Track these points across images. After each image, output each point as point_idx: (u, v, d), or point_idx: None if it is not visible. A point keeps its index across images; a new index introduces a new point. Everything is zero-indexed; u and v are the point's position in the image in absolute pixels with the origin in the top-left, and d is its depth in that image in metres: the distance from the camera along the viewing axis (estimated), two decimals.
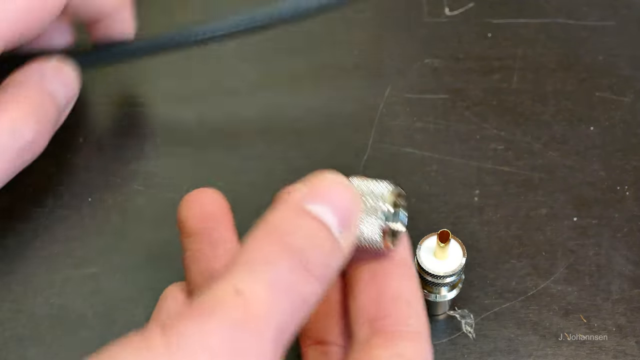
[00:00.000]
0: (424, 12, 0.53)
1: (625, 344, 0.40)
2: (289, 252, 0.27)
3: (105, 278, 0.42)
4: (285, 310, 0.26)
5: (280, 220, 0.28)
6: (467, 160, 0.46)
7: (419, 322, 0.31)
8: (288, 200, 0.29)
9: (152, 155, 0.47)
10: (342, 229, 0.28)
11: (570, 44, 0.51)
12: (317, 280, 0.27)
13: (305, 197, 0.28)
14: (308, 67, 0.50)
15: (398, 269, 0.32)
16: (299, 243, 0.27)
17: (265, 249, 0.27)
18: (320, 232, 0.28)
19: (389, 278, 0.32)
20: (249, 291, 0.26)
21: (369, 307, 0.31)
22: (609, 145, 0.47)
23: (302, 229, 0.28)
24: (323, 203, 0.28)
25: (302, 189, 0.29)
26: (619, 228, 0.44)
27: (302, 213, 0.28)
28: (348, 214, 0.29)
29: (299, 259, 0.27)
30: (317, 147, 0.47)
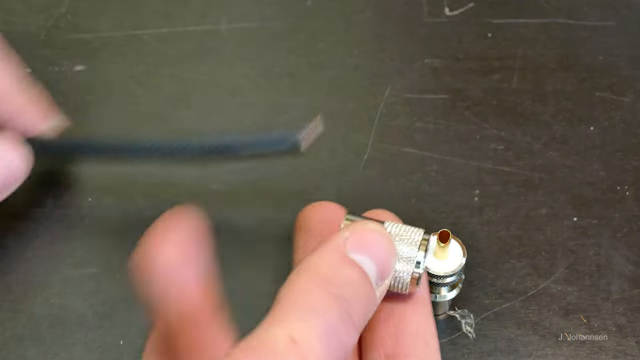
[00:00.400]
0: (424, 12, 0.53)
1: (625, 344, 0.40)
2: (338, 302, 0.28)
3: (105, 278, 0.42)
4: (332, 358, 0.27)
5: (328, 268, 0.29)
6: (467, 160, 0.46)
7: (434, 356, 0.32)
8: (333, 246, 0.29)
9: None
10: (379, 280, 0.29)
11: (570, 44, 0.51)
12: (356, 329, 0.28)
13: (349, 245, 0.29)
14: (308, 67, 0.50)
15: (417, 307, 0.33)
16: (346, 294, 0.28)
17: (316, 297, 0.28)
18: (363, 283, 0.29)
19: (408, 316, 0.33)
20: (304, 341, 0.26)
21: (387, 342, 0.32)
22: (609, 145, 0.47)
23: (349, 279, 0.28)
24: (366, 253, 0.29)
25: (345, 235, 0.30)
26: (619, 228, 0.44)
27: (347, 261, 0.29)
28: (386, 266, 0.30)
29: (346, 310, 0.28)
30: (317, 147, 0.47)
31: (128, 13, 0.53)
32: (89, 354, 0.40)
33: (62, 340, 0.40)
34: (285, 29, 0.52)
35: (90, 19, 0.52)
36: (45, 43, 0.51)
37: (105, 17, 0.53)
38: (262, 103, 0.49)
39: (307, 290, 0.28)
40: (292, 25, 0.52)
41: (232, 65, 0.50)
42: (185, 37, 0.52)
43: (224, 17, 0.53)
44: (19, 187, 0.45)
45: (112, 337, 0.40)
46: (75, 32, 0.52)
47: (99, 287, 0.42)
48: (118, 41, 0.51)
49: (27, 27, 0.52)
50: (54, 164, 0.46)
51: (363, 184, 0.45)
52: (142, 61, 0.51)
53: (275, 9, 0.53)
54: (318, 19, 0.53)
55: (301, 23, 0.52)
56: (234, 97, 0.49)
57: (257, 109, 0.49)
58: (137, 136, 0.39)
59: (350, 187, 0.45)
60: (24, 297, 0.42)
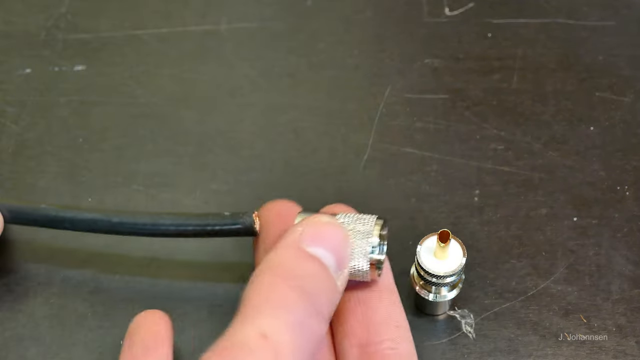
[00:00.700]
0: (424, 12, 0.53)
1: (625, 344, 0.40)
2: (302, 295, 0.29)
3: (105, 278, 0.42)
4: (304, 349, 0.28)
5: (287, 263, 0.30)
6: (467, 160, 0.46)
7: (409, 346, 0.33)
8: (289, 242, 0.30)
9: (152, 155, 0.47)
10: (338, 269, 0.30)
11: (570, 44, 0.51)
12: (324, 319, 0.29)
13: (304, 239, 0.30)
14: (308, 67, 0.50)
15: (383, 295, 0.34)
16: (309, 286, 0.29)
17: (281, 292, 0.29)
18: (323, 274, 0.30)
19: (376, 303, 0.33)
20: (275, 335, 0.27)
21: (358, 331, 0.33)
22: (609, 145, 0.47)
23: (309, 272, 0.30)
24: (321, 245, 0.30)
25: (299, 229, 0.31)
26: (619, 228, 0.44)
27: (305, 255, 0.30)
28: (343, 255, 0.31)
29: (311, 302, 0.29)
30: (317, 147, 0.47)
31: (128, 13, 0.53)
32: (89, 354, 0.40)
33: (62, 340, 0.40)
34: (285, 29, 0.52)
35: (90, 19, 0.52)
36: (45, 43, 0.51)
37: (105, 17, 0.53)
38: (262, 103, 0.49)
39: (271, 287, 0.29)
40: (292, 25, 0.52)
41: (232, 65, 0.50)
42: (185, 37, 0.52)
43: (224, 17, 0.53)
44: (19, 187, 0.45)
45: (112, 337, 0.40)
46: (75, 32, 0.52)
47: (99, 287, 0.42)
48: (118, 41, 0.51)
49: (27, 27, 0.52)
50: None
51: (363, 184, 0.45)
52: (142, 61, 0.51)
53: (275, 9, 0.53)
54: (318, 19, 0.53)
55: (301, 23, 0.52)
56: (234, 97, 0.49)
57: (257, 109, 0.49)
58: (86, 210, 0.39)
59: (350, 187, 0.45)
60: (24, 297, 0.42)
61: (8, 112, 0.48)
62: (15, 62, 0.50)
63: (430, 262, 0.38)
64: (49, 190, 0.45)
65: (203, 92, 0.49)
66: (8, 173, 0.46)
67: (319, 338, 0.29)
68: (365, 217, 0.34)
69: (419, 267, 0.38)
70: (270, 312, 0.28)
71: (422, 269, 0.38)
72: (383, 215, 0.35)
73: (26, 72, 0.50)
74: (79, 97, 0.49)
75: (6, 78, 0.50)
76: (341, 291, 0.31)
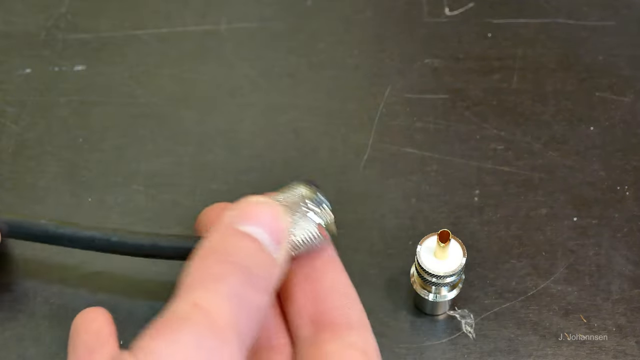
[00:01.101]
0: (424, 12, 0.53)
1: (625, 344, 0.40)
2: (236, 268, 0.29)
3: (105, 278, 0.42)
4: (244, 319, 0.28)
5: (221, 242, 0.30)
6: (467, 160, 0.46)
7: (360, 312, 0.33)
8: (222, 224, 0.31)
9: (152, 155, 0.47)
10: (275, 244, 0.31)
11: (570, 44, 0.51)
12: (264, 293, 0.30)
13: (237, 220, 0.31)
14: (308, 67, 0.50)
15: (328, 266, 0.34)
16: (243, 261, 0.29)
17: (213, 268, 0.29)
18: (257, 249, 0.30)
19: (321, 275, 0.33)
20: (210, 305, 0.28)
21: (308, 306, 0.33)
22: (609, 145, 0.47)
23: (243, 248, 0.30)
24: (253, 223, 0.31)
25: (231, 213, 0.31)
26: (619, 228, 0.44)
27: (237, 233, 0.30)
28: (278, 231, 0.31)
29: (246, 275, 0.29)
30: (317, 147, 0.47)
31: (128, 13, 0.53)
32: None
33: (62, 340, 0.40)
34: (285, 29, 0.52)
35: (90, 19, 0.52)
36: (45, 43, 0.51)
37: (105, 17, 0.53)
38: (262, 103, 0.49)
39: (204, 265, 0.29)
40: (292, 25, 0.52)
41: (232, 65, 0.50)
42: (185, 37, 0.52)
43: (224, 17, 0.53)
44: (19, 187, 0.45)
45: None
46: (75, 32, 0.52)
47: (99, 287, 0.42)
48: (118, 41, 0.51)
49: (27, 27, 0.52)
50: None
51: (363, 184, 0.45)
52: (142, 61, 0.51)
53: (275, 9, 0.53)
54: (318, 19, 0.53)
55: (301, 23, 0.52)
56: (234, 97, 0.49)
57: (257, 109, 0.49)
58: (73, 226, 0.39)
59: (350, 187, 0.45)
60: (24, 297, 0.42)
61: (8, 112, 0.48)
62: (15, 62, 0.50)
63: (430, 262, 0.38)
64: (49, 190, 0.45)
65: (203, 92, 0.49)
66: (8, 173, 0.46)
67: (259, 311, 0.29)
68: (296, 187, 0.35)
69: (419, 267, 0.38)
70: (204, 286, 0.29)
71: (422, 269, 0.38)
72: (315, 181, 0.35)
73: (26, 72, 0.50)
74: (79, 97, 0.49)
75: (6, 78, 0.50)
76: (281, 264, 0.31)
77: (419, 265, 0.38)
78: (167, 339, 0.27)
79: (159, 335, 0.27)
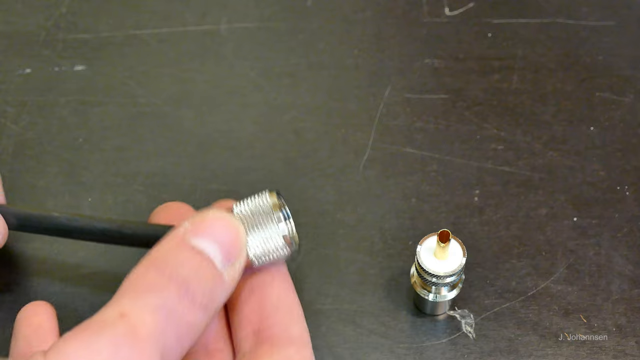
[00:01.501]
0: (424, 12, 0.53)
1: (625, 344, 0.40)
2: (174, 282, 0.28)
3: (105, 278, 0.42)
4: (170, 334, 0.28)
5: (165, 254, 0.29)
6: (467, 160, 0.46)
7: (301, 328, 0.33)
8: (172, 236, 0.30)
9: (152, 155, 0.47)
10: (226, 262, 0.30)
11: (570, 44, 0.51)
12: (201, 310, 0.29)
13: (189, 233, 0.30)
14: (308, 67, 0.50)
15: (275, 281, 0.34)
16: (183, 274, 0.29)
17: (150, 279, 0.29)
18: (204, 265, 0.29)
19: (268, 290, 0.33)
20: (134, 315, 0.27)
21: (252, 319, 0.33)
22: (609, 145, 0.47)
23: (187, 262, 0.29)
24: (207, 238, 0.30)
25: (185, 225, 0.30)
26: (619, 228, 0.44)
27: (186, 247, 0.29)
28: (232, 249, 0.30)
29: (184, 289, 0.28)
30: (317, 147, 0.47)
31: (128, 13, 0.53)
32: None
33: None
34: (285, 29, 0.52)
35: (90, 19, 0.52)
36: (45, 43, 0.51)
37: (105, 17, 0.53)
38: (262, 103, 0.49)
39: (142, 274, 0.29)
40: (292, 25, 0.52)
41: (232, 65, 0.50)
42: (185, 37, 0.52)
43: (224, 17, 0.53)
44: (20, 187, 0.45)
45: None
46: (75, 32, 0.52)
47: (99, 287, 0.42)
48: (118, 41, 0.51)
49: (27, 27, 0.52)
50: None
51: (363, 184, 0.45)
52: (142, 61, 0.51)
53: (275, 9, 0.53)
54: (318, 19, 0.53)
55: (301, 23, 0.52)
56: (234, 97, 0.49)
57: (257, 109, 0.49)
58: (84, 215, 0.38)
59: (350, 187, 0.45)
60: (24, 297, 0.42)
61: (8, 112, 0.48)
62: (15, 62, 0.50)
63: (430, 262, 0.38)
64: (49, 190, 0.45)
65: (203, 92, 0.49)
66: (8, 173, 0.46)
67: (192, 327, 0.29)
68: (262, 196, 0.34)
69: (419, 267, 0.38)
70: (134, 295, 0.28)
71: (422, 269, 0.38)
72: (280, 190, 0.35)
73: (26, 72, 0.50)
74: (79, 97, 0.49)
75: (6, 78, 0.50)
76: (230, 283, 0.30)
77: (419, 265, 0.38)
78: (83, 343, 0.27)
79: (76, 338, 0.27)
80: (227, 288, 0.30)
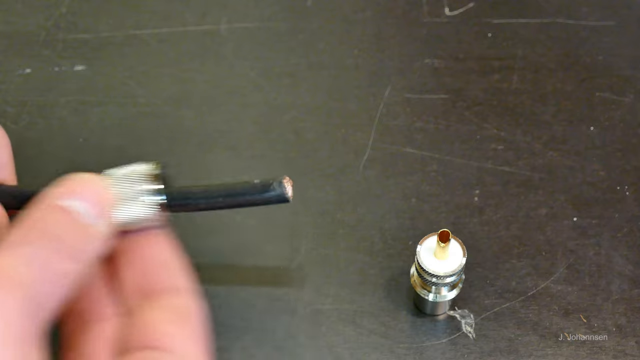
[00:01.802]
0: (424, 12, 0.53)
1: (625, 344, 0.40)
2: (42, 236, 0.30)
3: None
4: (40, 281, 0.29)
5: (34, 214, 0.32)
6: (467, 160, 0.46)
7: (184, 280, 0.34)
8: (42, 199, 0.32)
9: (152, 155, 0.47)
10: (99, 217, 0.32)
11: (570, 44, 0.51)
12: (72, 259, 0.31)
13: (57, 195, 0.32)
14: (308, 67, 0.50)
15: (154, 239, 0.35)
16: (51, 229, 0.31)
17: (21, 234, 0.30)
18: (70, 220, 0.31)
19: (147, 249, 0.35)
20: (7, 266, 0.29)
21: (136, 278, 0.34)
22: (609, 145, 0.47)
23: (53, 219, 0.31)
24: (74, 197, 0.32)
25: (54, 189, 0.32)
26: (619, 228, 0.44)
27: (54, 207, 0.32)
28: (99, 203, 0.32)
29: (53, 242, 0.30)
30: (317, 147, 0.47)
31: (128, 13, 0.53)
32: None
33: None
34: (285, 29, 0.52)
35: (90, 19, 0.52)
36: (45, 43, 0.51)
37: (105, 17, 0.53)
38: (262, 103, 0.49)
39: (13, 232, 0.30)
40: (292, 25, 0.52)
41: (232, 65, 0.50)
42: (185, 37, 0.52)
43: (224, 17, 0.53)
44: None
45: None
46: (75, 32, 0.52)
47: None
48: (118, 41, 0.51)
49: (27, 27, 0.52)
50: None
51: (363, 184, 0.45)
52: (142, 61, 0.51)
53: (275, 9, 0.53)
54: (318, 19, 0.53)
55: (301, 23, 0.52)
56: (234, 97, 0.49)
57: (257, 109, 0.49)
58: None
59: (350, 187, 0.45)
60: None
61: (8, 112, 0.48)
62: (15, 62, 0.50)
63: (430, 262, 0.38)
64: None
65: (203, 92, 0.49)
66: None
67: (65, 276, 0.30)
68: (139, 166, 0.35)
69: (419, 267, 0.38)
70: (6, 246, 0.30)
71: (422, 269, 0.38)
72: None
73: (26, 72, 0.50)
74: (79, 97, 0.49)
75: (6, 78, 0.50)
76: (100, 235, 0.32)
77: (419, 265, 0.38)
78: None
79: None
80: (99, 240, 0.32)
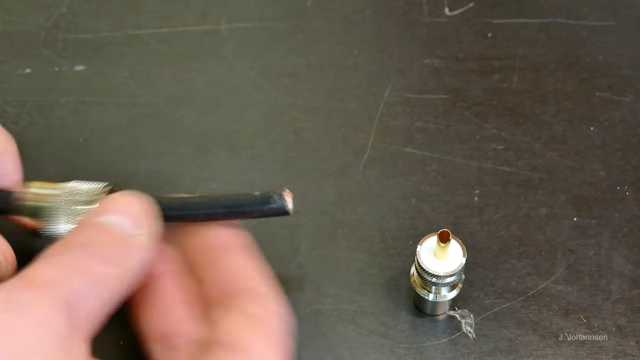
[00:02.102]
0: (424, 12, 0.53)
1: (625, 344, 0.40)
2: (78, 244, 0.32)
3: None
4: (76, 282, 0.30)
5: (72, 233, 0.33)
6: (467, 160, 0.46)
7: (264, 285, 0.34)
8: (81, 221, 0.34)
9: (152, 155, 0.47)
10: (134, 227, 0.34)
11: (570, 44, 0.51)
12: (109, 264, 0.32)
13: (92, 214, 0.34)
14: (308, 67, 0.50)
15: (233, 250, 0.36)
16: (86, 240, 0.32)
17: (58, 246, 0.32)
18: (106, 231, 0.33)
19: (227, 256, 0.35)
20: (32, 272, 0.30)
21: (217, 290, 0.35)
22: (609, 145, 0.47)
23: (89, 232, 0.33)
24: (109, 213, 0.34)
25: (92, 210, 0.34)
26: (619, 228, 0.44)
27: (89, 224, 0.33)
28: (135, 216, 0.34)
29: (88, 248, 0.32)
30: (317, 147, 0.47)
31: (128, 13, 0.53)
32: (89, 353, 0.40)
33: None
34: (285, 29, 0.52)
35: (90, 19, 0.52)
36: (45, 43, 0.51)
37: (105, 17, 0.53)
38: (262, 103, 0.49)
39: (52, 248, 0.32)
40: (292, 25, 0.52)
41: (232, 65, 0.50)
42: (185, 37, 0.52)
43: (224, 17, 0.53)
44: None
45: (112, 336, 0.40)
46: (75, 32, 0.52)
47: None
48: (118, 41, 0.51)
49: (27, 27, 0.52)
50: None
51: (363, 184, 0.45)
52: (142, 61, 0.51)
53: (275, 9, 0.53)
54: (318, 19, 0.53)
55: (301, 23, 0.52)
56: (234, 97, 0.49)
57: (257, 109, 0.49)
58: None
59: (350, 187, 0.45)
60: None
61: (8, 112, 0.48)
62: (15, 62, 0.50)
63: (430, 262, 0.38)
64: None
65: (203, 92, 0.49)
66: None
67: (105, 279, 0.32)
68: (96, 187, 0.38)
69: (419, 267, 0.38)
70: (42, 258, 0.31)
71: (422, 269, 0.38)
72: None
73: (26, 72, 0.50)
74: (79, 97, 0.49)
75: (6, 78, 0.50)
76: (140, 245, 0.33)
77: (419, 265, 0.38)
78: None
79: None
80: (134, 247, 0.33)
